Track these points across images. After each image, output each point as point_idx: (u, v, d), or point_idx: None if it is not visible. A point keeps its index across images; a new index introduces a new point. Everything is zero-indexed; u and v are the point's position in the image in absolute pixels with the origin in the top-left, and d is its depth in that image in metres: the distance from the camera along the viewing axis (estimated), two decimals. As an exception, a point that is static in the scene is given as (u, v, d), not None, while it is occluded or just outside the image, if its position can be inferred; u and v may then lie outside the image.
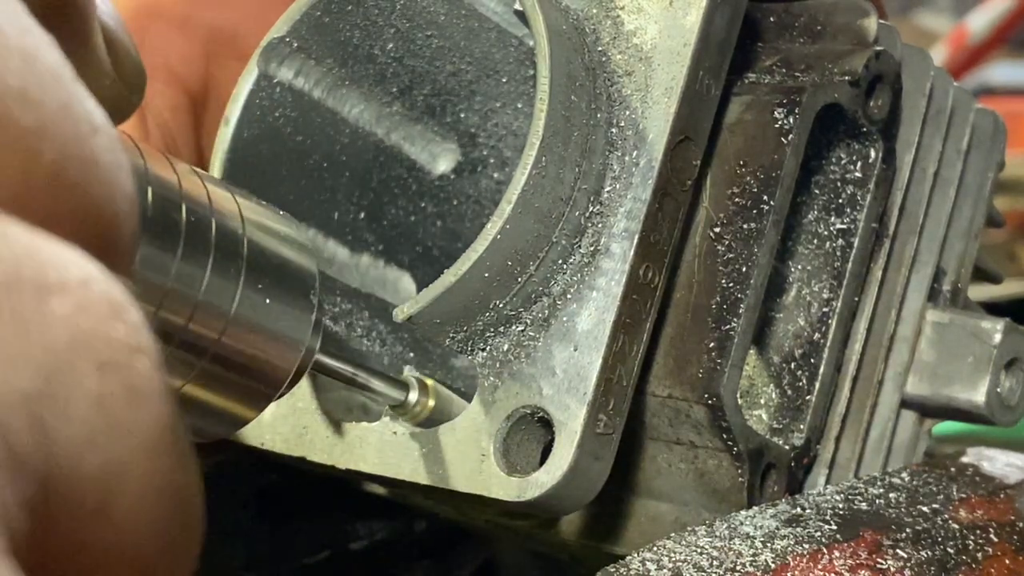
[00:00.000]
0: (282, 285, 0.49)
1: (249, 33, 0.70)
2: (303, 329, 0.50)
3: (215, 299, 0.46)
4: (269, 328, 0.49)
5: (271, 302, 0.48)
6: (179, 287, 0.45)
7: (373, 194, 0.68)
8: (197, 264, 0.46)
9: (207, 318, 0.46)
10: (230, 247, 0.47)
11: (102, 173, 0.28)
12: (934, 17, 3.00)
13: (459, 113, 0.68)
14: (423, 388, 0.58)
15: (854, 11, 0.62)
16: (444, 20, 0.64)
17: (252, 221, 0.49)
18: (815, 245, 0.63)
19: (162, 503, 0.27)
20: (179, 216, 0.45)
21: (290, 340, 0.50)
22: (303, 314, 0.50)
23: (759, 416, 0.62)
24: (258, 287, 0.48)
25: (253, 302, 0.48)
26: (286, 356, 0.50)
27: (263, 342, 0.49)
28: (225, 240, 0.47)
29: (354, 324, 0.64)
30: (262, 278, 0.48)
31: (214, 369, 0.47)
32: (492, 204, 0.69)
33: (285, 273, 0.49)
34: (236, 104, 0.63)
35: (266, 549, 0.74)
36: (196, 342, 0.46)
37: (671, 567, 0.51)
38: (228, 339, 0.47)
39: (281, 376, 0.50)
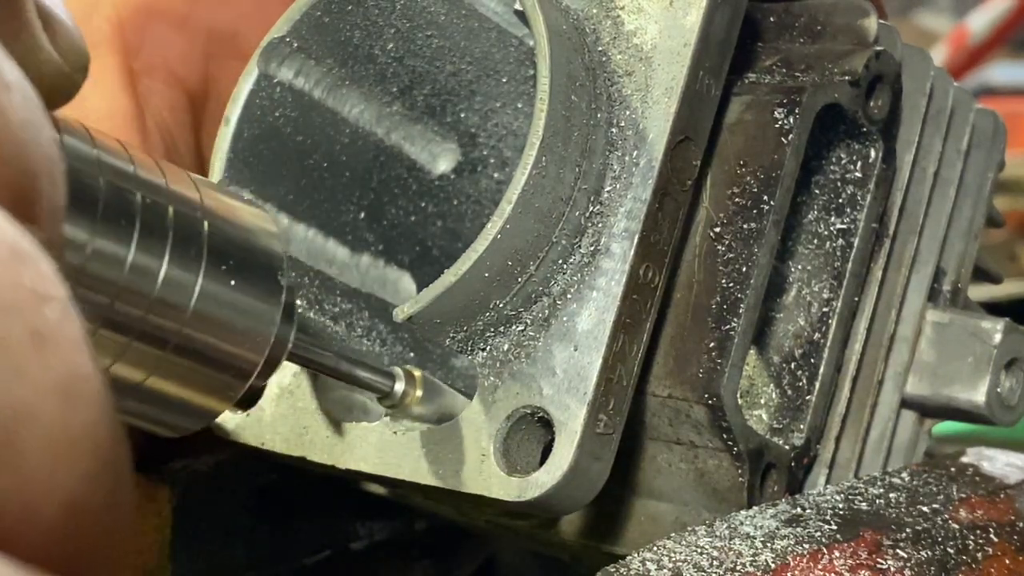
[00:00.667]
0: (246, 269, 0.47)
1: (249, 33, 0.70)
2: (270, 316, 0.48)
3: (174, 288, 0.45)
4: (234, 316, 0.47)
5: (235, 288, 0.47)
6: (135, 276, 0.44)
7: (373, 194, 0.68)
8: (154, 252, 0.44)
9: (166, 308, 0.45)
10: (189, 232, 0.45)
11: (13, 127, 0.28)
12: (934, 17, 3.00)
13: (459, 113, 0.68)
14: (410, 378, 0.58)
15: (854, 11, 0.62)
16: (444, 20, 0.64)
17: (213, 208, 0.47)
18: (815, 245, 0.63)
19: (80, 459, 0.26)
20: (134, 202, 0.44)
21: (257, 328, 0.48)
22: (270, 299, 0.48)
23: (759, 416, 0.62)
24: (220, 273, 0.46)
25: (216, 289, 0.46)
26: (253, 345, 0.48)
27: (229, 330, 0.47)
28: (184, 225, 0.45)
29: (354, 324, 0.64)
30: (224, 264, 0.46)
31: (178, 360, 0.46)
32: (492, 204, 0.69)
33: (249, 257, 0.48)
34: (236, 104, 0.63)
35: (266, 549, 0.74)
36: (156, 333, 0.45)
37: (671, 567, 0.51)
38: (190, 329, 0.46)
39: (249, 366, 0.48)
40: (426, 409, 0.58)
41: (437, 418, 0.59)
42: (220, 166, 0.62)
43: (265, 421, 0.64)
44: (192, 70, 0.74)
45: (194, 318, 0.46)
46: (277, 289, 0.49)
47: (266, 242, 0.49)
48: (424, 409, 0.58)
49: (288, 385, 0.63)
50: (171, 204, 0.45)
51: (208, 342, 0.47)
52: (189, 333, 0.46)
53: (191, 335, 0.46)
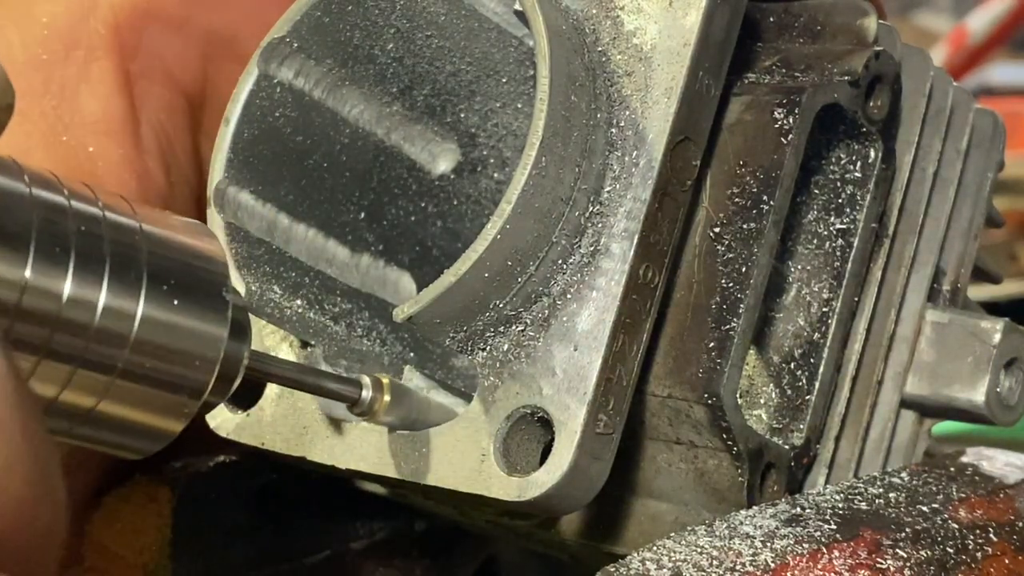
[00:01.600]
0: (188, 291, 0.47)
1: (247, 35, 0.70)
2: (216, 335, 0.48)
3: (114, 318, 0.44)
4: (179, 337, 0.47)
5: (178, 310, 0.46)
6: (73, 309, 0.43)
7: (373, 194, 0.68)
8: (91, 282, 0.44)
9: (108, 336, 0.45)
10: (127, 259, 0.45)
11: None
12: (934, 17, 3.00)
13: (459, 113, 0.68)
14: (377, 385, 0.57)
15: (854, 11, 0.62)
16: (444, 20, 0.64)
17: (150, 229, 0.47)
18: (815, 245, 0.63)
19: None
20: (68, 233, 0.43)
21: (203, 348, 0.48)
22: (216, 318, 0.48)
23: (759, 416, 0.62)
24: (162, 295, 0.46)
25: (158, 313, 0.46)
26: (201, 364, 0.48)
27: (174, 354, 0.47)
28: (120, 253, 0.45)
29: (354, 324, 0.64)
30: (165, 286, 0.46)
31: (126, 385, 0.46)
32: (492, 204, 0.69)
33: (190, 278, 0.47)
34: (236, 104, 0.63)
35: (266, 549, 0.74)
36: (101, 360, 0.45)
37: (671, 567, 0.51)
38: (136, 355, 0.45)
39: (199, 386, 0.48)
40: (395, 415, 0.58)
41: (408, 424, 0.59)
42: (220, 166, 0.62)
43: (265, 421, 0.64)
44: (190, 72, 0.74)
45: (138, 343, 0.45)
46: (222, 306, 0.48)
47: (208, 261, 0.49)
48: (394, 415, 0.58)
49: (288, 385, 0.63)
50: (107, 232, 0.45)
51: (155, 366, 0.46)
52: (134, 358, 0.46)
53: (137, 360, 0.46)
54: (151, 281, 0.46)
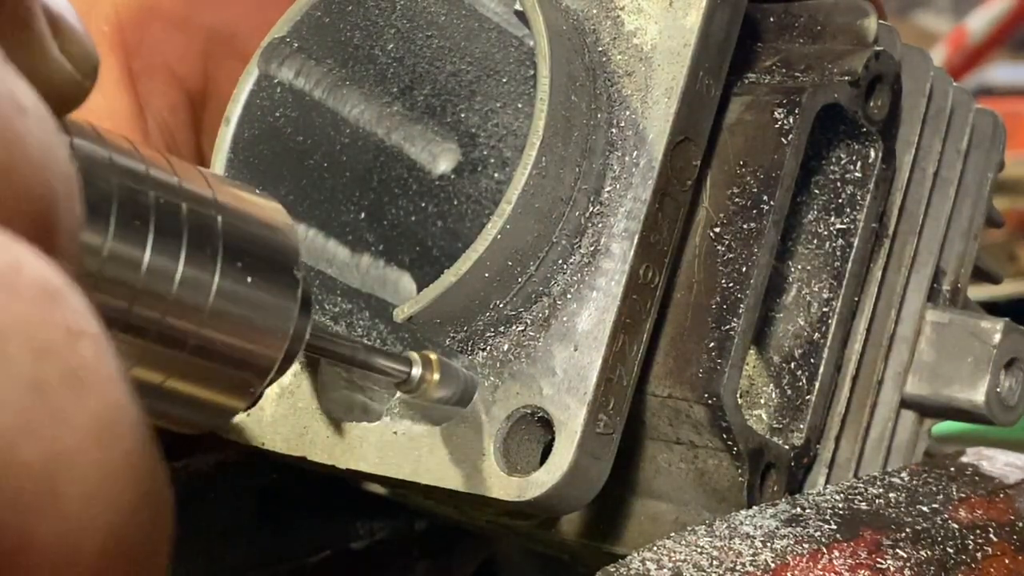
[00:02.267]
0: (263, 265, 0.46)
1: (249, 33, 0.70)
2: (288, 312, 0.47)
3: (191, 288, 0.44)
4: (251, 314, 0.46)
5: (251, 286, 0.46)
6: (152, 278, 0.43)
7: (373, 194, 0.68)
8: (170, 252, 0.43)
9: (184, 309, 0.44)
10: (204, 230, 0.45)
11: (32, 153, 0.27)
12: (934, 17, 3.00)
13: (459, 113, 0.68)
14: (426, 362, 0.57)
15: (854, 11, 0.62)
16: (444, 20, 0.64)
17: (225, 200, 0.46)
18: (815, 245, 0.63)
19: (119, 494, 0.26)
20: (147, 202, 0.43)
21: (275, 325, 0.47)
22: (287, 294, 0.47)
23: (759, 416, 0.62)
24: (236, 271, 0.45)
25: (232, 288, 0.45)
26: (272, 342, 0.47)
27: (246, 329, 0.46)
28: (198, 224, 0.44)
29: (354, 324, 0.64)
30: (240, 261, 0.45)
31: (196, 361, 0.45)
32: (492, 204, 0.69)
33: (264, 252, 0.47)
34: (236, 104, 0.63)
35: (266, 549, 0.74)
36: (174, 335, 0.44)
37: (671, 567, 0.51)
38: (208, 330, 0.45)
39: (268, 363, 0.48)
40: (445, 392, 0.57)
41: (457, 399, 0.58)
42: (220, 166, 0.62)
43: (265, 421, 0.64)
44: (192, 70, 0.74)
45: (212, 318, 0.45)
46: (294, 283, 0.48)
47: (281, 236, 0.48)
48: (443, 392, 0.57)
49: (288, 385, 0.63)
50: (184, 202, 0.45)
51: (227, 341, 0.46)
52: (207, 333, 0.45)
53: (209, 335, 0.45)
54: (226, 256, 0.45)
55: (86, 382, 0.25)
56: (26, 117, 0.27)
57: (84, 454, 0.25)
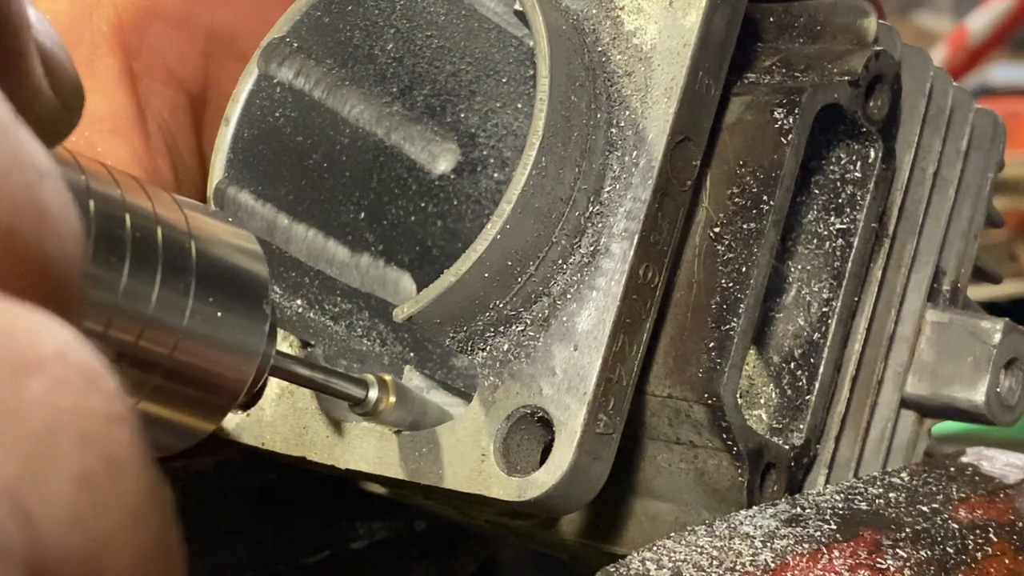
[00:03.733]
0: (234, 296, 0.48)
1: (248, 33, 0.70)
2: (257, 339, 0.49)
3: (165, 314, 0.45)
4: (223, 341, 0.47)
5: (223, 314, 0.47)
6: (128, 304, 0.44)
7: (373, 194, 0.68)
8: (145, 279, 0.44)
9: (158, 334, 0.45)
10: (178, 260, 0.46)
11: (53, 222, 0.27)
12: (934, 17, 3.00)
13: (459, 113, 0.68)
14: (382, 385, 0.58)
15: (854, 11, 0.62)
16: (444, 20, 0.64)
17: (199, 231, 0.47)
18: (815, 245, 0.63)
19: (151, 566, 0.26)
20: (124, 232, 0.44)
21: (245, 351, 0.48)
22: (257, 324, 0.49)
23: (759, 416, 0.62)
24: (209, 299, 0.46)
25: (205, 315, 0.46)
26: (242, 368, 0.48)
27: (217, 355, 0.47)
28: (173, 253, 0.45)
29: (354, 324, 0.64)
30: (213, 290, 0.47)
31: (168, 384, 0.46)
32: (492, 204, 0.69)
33: (237, 283, 0.48)
34: (236, 104, 0.63)
35: (266, 549, 0.74)
36: (148, 358, 0.45)
37: (671, 567, 0.51)
38: (181, 354, 0.46)
39: (237, 387, 0.49)
40: (399, 415, 0.58)
41: (410, 423, 0.59)
42: (220, 166, 0.62)
43: (265, 421, 0.65)
44: (192, 71, 0.74)
45: (184, 342, 0.46)
46: (263, 310, 0.49)
47: (252, 265, 0.49)
48: (398, 415, 0.58)
49: (288, 385, 0.63)
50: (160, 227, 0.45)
51: (198, 366, 0.47)
52: (179, 358, 0.46)
53: (181, 359, 0.46)
54: (200, 281, 0.46)
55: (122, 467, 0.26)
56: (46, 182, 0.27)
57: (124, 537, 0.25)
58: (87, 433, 0.25)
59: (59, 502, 0.24)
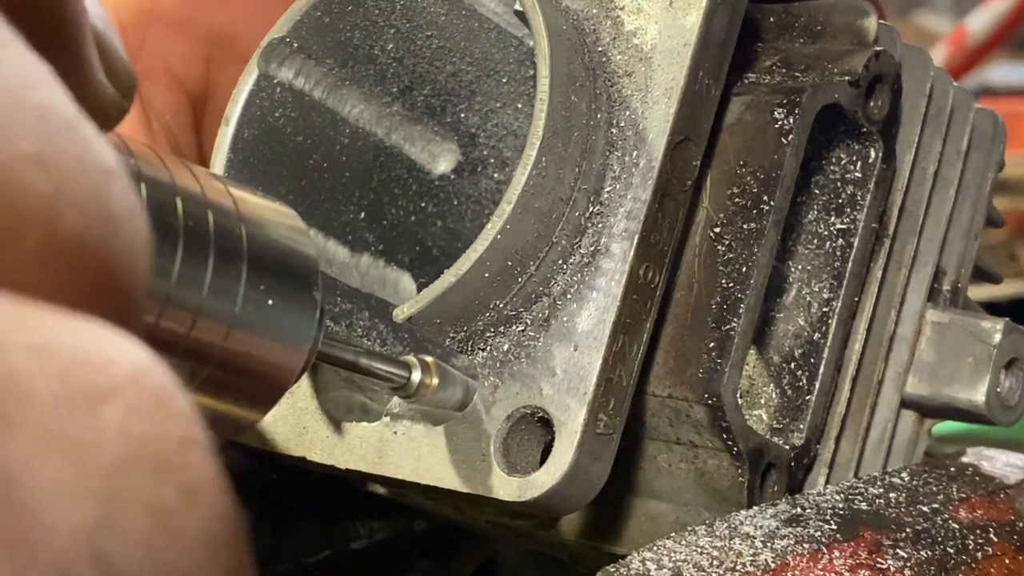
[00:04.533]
0: (285, 282, 0.47)
1: (249, 34, 0.70)
2: (308, 327, 0.48)
3: (217, 303, 0.44)
4: (274, 328, 0.46)
5: (274, 301, 0.46)
6: (180, 293, 0.43)
7: (373, 194, 0.68)
8: (197, 268, 0.43)
9: (210, 324, 0.44)
10: (230, 247, 0.45)
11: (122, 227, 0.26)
12: (934, 17, 3.00)
13: (459, 113, 0.68)
14: (425, 367, 0.57)
15: (854, 11, 0.62)
16: (444, 21, 0.64)
17: (250, 216, 0.46)
18: (815, 245, 0.63)
19: None
20: (176, 220, 0.43)
21: (295, 339, 0.47)
22: (307, 310, 0.48)
23: (759, 416, 0.62)
24: (260, 287, 0.45)
25: (256, 303, 0.45)
26: (292, 356, 0.48)
27: (269, 344, 0.46)
28: (224, 240, 0.44)
29: (354, 324, 0.64)
30: (264, 276, 0.46)
31: (219, 375, 0.45)
32: (492, 204, 0.69)
33: (287, 269, 0.47)
34: (236, 104, 0.63)
35: (266, 549, 0.74)
36: (200, 349, 0.44)
37: (671, 567, 0.51)
38: (232, 344, 0.45)
39: (288, 376, 0.48)
40: (444, 395, 0.57)
41: (457, 404, 0.58)
42: (220, 166, 0.62)
43: (265, 421, 0.64)
44: (192, 73, 0.74)
45: (236, 332, 0.45)
46: (313, 298, 0.48)
47: (301, 247, 0.48)
48: (442, 396, 0.57)
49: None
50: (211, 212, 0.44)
51: (250, 355, 0.46)
52: (231, 347, 0.45)
53: (233, 349, 0.45)
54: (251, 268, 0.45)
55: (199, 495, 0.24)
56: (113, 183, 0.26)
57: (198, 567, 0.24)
58: (162, 461, 0.24)
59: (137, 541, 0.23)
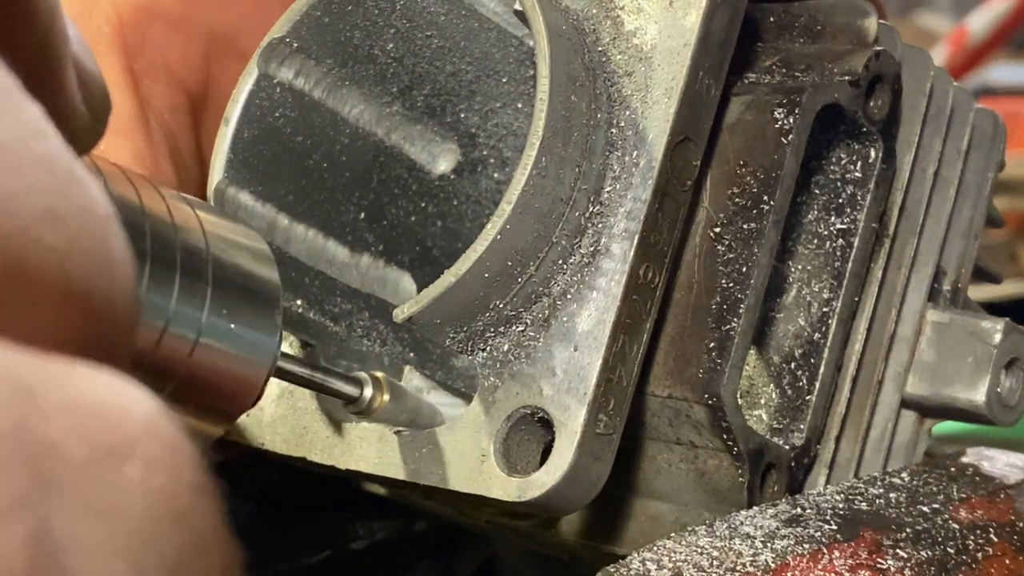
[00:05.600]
0: (248, 304, 0.48)
1: (249, 33, 0.70)
2: (268, 349, 0.49)
3: (182, 323, 0.45)
4: (234, 349, 0.48)
5: (236, 325, 0.47)
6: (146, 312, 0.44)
7: (373, 194, 0.68)
8: (163, 290, 0.45)
9: (174, 342, 0.45)
10: (195, 271, 0.46)
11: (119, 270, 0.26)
12: (934, 17, 3.00)
13: (459, 113, 0.68)
14: (376, 383, 0.58)
15: (854, 11, 0.62)
16: (444, 20, 0.64)
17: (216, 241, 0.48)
18: (815, 245, 0.63)
19: None
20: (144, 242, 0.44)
21: (255, 360, 0.49)
22: (269, 331, 0.49)
23: (759, 416, 0.62)
24: (224, 311, 0.47)
25: (220, 323, 0.47)
26: (254, 373, 0.49)
27: (232, 362, 0.48)
28: (190, 263, 0.46)
29: (354, 324, 0.64)
30: (228, 301, 0.47)
31: (183, 390, 0.46)
32: (492, 204, 0.69)
33: (251, 294, 0.49)
34: (236, 104, 0.63)
35: (266, 549, 0.74)
36: (165, 365, 0.45)
37: (671, 567, 0.51)
38: (195, 361, 0.46)
39: (251, 392, 0.49)
40: (393, 413, 0.58)
41: (405, 421, 0.59)
42: (220, 166, 0.62)
43: (265, 421, 0.64)
44: (192, 71, 0.74)
45: (199, 351, 0.46)
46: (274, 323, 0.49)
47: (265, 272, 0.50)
48: (391, 413, 0.58)
49: (288, 385, 0.63)
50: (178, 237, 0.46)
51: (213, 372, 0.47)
52: (194, 364, 0.46)
53: (196, 366, 0.46)
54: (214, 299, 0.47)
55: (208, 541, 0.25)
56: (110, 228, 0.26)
57: None
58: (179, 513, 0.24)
59: None
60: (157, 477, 0.24)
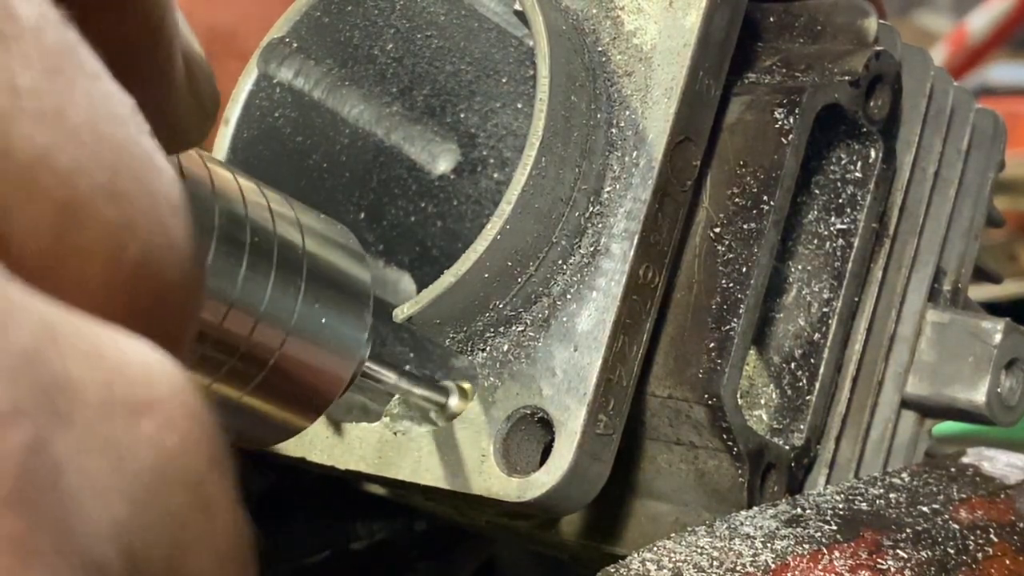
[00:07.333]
0: (339, 300, 0.49)
1: (248, 33, 0.70)
2: (356, 344, 0.50)
3: (276, 313, 0.46)
4: (326, 341, 0.49)
5: (327, 319, 0.48)
6: (242, 300, 0.45)
7: (373, 194, 0.68)
8: (260, 279, 0.46)
9: (268, 331, 0.46)
10: (291, 263, 0.47)
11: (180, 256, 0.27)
12: (934, 17, 3.00)
13: (459, 113, 0.68)
14: (462, 393, 0.58)
15: (854, 11, 0.62)
16: (444, 20, 0.64)
17: (311, 233, 0.49)
18: (815, 245, 0.63)
19: None
20: (244, 236, 0.45)
21: (346, 352, 0.49)
22: (359, 326, 0.50)
23: (759, 416, 0.62)
24: (315, 304, 0.48)
25: (312, 316, 0.48)
26: (341, 368, 0.50)
27: (321, 355, 0.49)
28: (286, 256, 0.47)
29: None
30: (320, 294, 0.48)
31: (272, 380, 0.47)
32: (492, 204, 0.69)
33: (342, 290, 0.49)
34: (236, 104, 0.63)
35: (266, 549, 0.74)
36: (256, 353, 0.46)
37: (671, 567, 0.51)
38: (286, 352, 0.47)
39: (336, 387, 0.50)
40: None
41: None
42: (220, 166, 0.62)
43: (265, 421, 0.64)
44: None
45: (291, 342, 0.47)
46: (363, 318, 0.50)
47: (357, 270, 0.50)
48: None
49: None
50: (274, 222, 0.47)
51: (302, 364, 0.48)
52: (285, 355, 0.47)
53: (287, 357, 0.47)
54: (309, 285, 0.47)
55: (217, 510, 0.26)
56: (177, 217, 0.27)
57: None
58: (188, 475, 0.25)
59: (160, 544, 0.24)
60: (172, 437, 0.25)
